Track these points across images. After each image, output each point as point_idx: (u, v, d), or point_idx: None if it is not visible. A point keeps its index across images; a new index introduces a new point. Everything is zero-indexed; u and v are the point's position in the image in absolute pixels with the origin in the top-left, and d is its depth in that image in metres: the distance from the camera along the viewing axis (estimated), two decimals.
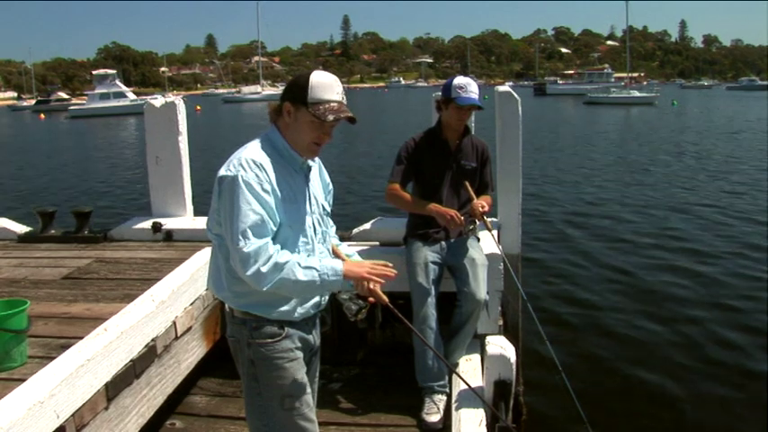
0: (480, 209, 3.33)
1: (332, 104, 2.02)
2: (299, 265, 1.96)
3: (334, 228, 2.38)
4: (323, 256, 2.17)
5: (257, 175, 1.95)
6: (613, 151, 20.71)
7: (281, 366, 2.08)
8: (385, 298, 2.10)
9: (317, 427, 2.19)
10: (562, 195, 12.82)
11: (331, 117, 2.00)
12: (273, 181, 1.99)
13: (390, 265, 2.11)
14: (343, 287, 2.10)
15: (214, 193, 2.02)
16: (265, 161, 1.99)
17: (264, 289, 1.95)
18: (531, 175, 13.93)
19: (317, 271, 1.98)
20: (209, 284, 2.21)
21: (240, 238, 1.91)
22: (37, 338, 2.69)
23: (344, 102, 2.07)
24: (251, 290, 1.99)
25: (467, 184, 3.43)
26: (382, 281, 2.06)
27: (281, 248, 1.99)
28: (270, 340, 2.07)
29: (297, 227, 2.06)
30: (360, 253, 2.37)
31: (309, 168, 2.17)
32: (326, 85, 2.03)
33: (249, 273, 1.92)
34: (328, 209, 2.28)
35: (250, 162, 1.96)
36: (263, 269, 1.91)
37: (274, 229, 1.98)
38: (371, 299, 2.14)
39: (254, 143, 2.06)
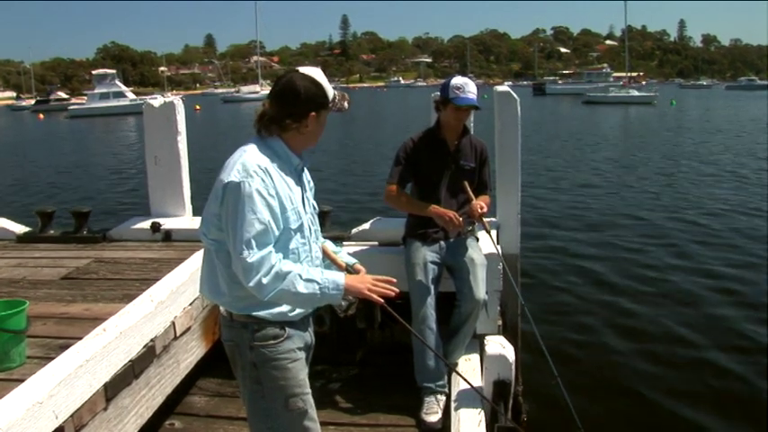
0: (479, 210, 3.33)
1: (336, 93, 2.11)
2: (301, 277, 1.95)
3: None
4: (318, 255, 2.19)
5: (263, 180, 1.95)
6: (610, 151, 20.73)
7: (284, 367, 2.08)
8: (378, 297, 2.10)
9: (319, 426, 2.20)
10: (561, 196, 12.83)
11: (347, 105, 2.11)
12: (277, 185, 1.99)
13: (394, 281, 2.11)
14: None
15: (214, 198, 1.99)
16: (270, 166, 1.99)
17: (265, 299, 1.96)
18: (530, 174, 13.93)
19: (318, 284, 1.98)
20: (203, 290, 2.18)
21: (244, 247, 1.90)
22: (36, 339, 2.68)
23: None
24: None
25: (465, 184, 3.42)
26: (381, 300, 2.06)
27: (284, 250, 2.00)
28: (272, 342, 2.07)
29: (297, 228, 2.06)
30: (359, 253, 2.38)
31: (303, 169, 2.18)
32: (326, 80, 2.09)
33: (251, 283, 1.92)
34: (317, 207, 2.28)
35: (256, 167, 1.95)
36: (265, 280, 1.91)
37: (277, 234, 1.97)
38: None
39: (252, 147, 2.03)
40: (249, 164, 1.96)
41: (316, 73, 2.07)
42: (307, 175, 2.25)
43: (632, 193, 12.86)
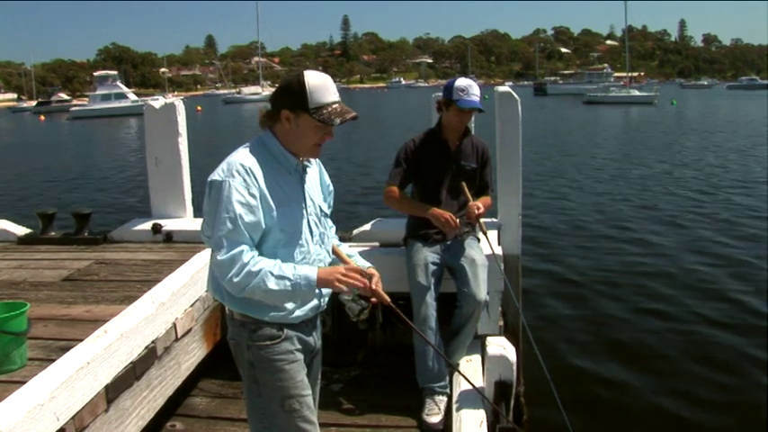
0: (476, 211, 3.32)
1: (334, 106, 1.99)
2: (272, 273, 1.93)
3: (334, 228, 2.36)
4: (319, 258, 2.15)
5: (245, 180, 1.94)
6: (613, 154, 20.72)
7: (280, 368, 2.08)
8: (387, 298, 2.10)
9: (317, 428, 2.19)
10: (562, 197, 12.82)
11: (338, 121, 1.97)
12: (263, 185, 1.97)
13: (372, 270, 2.08)
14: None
15: (205, 197, 2.01)
16: (255, 165, 1.98)
17: (239, 296, 1.97)
18: (530, 175, 13.91)
19: (290, 280, 1.94)
20: (208, 287, 2.19)
21: (216, 246, 1.93)
22: (37, 340, 2.68)
23: (340, 99, 2.04)
24: None
25: (463, 185, 3.41)
26: (346, 289, 2.02)
27: (274, 250, 1.99)
28: (269, 342, 2.07)
29: (290, 229, 2.04)
30: (360, 254, 2.37)
31: (305, 169, 2.15)
32: (323, 87, 1.99)
33: (224, 281, 1.95)
34: (327, 210, 2.24)
35: (239, 167, 1.95)
36: (236, 279, 1.91)
37: (254, 237, 1.96)
38: (374, 299, 2.13)
39: (245, 147, 2.05)
40: (233, 163, 1.97)
41: (312, 76, 2.00)
42: (316, 177, 2.24)
43: (636, 193, 12.85)
